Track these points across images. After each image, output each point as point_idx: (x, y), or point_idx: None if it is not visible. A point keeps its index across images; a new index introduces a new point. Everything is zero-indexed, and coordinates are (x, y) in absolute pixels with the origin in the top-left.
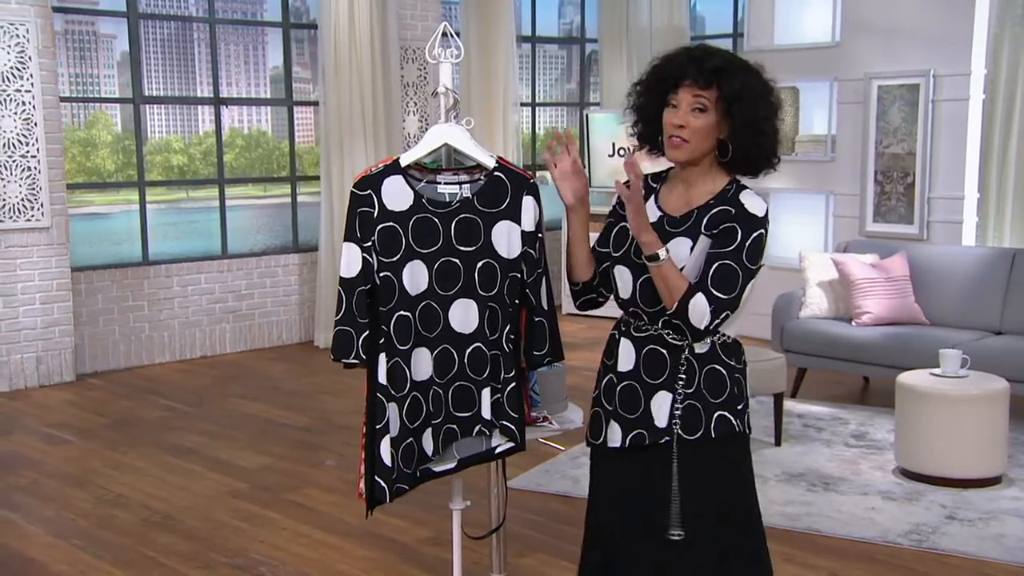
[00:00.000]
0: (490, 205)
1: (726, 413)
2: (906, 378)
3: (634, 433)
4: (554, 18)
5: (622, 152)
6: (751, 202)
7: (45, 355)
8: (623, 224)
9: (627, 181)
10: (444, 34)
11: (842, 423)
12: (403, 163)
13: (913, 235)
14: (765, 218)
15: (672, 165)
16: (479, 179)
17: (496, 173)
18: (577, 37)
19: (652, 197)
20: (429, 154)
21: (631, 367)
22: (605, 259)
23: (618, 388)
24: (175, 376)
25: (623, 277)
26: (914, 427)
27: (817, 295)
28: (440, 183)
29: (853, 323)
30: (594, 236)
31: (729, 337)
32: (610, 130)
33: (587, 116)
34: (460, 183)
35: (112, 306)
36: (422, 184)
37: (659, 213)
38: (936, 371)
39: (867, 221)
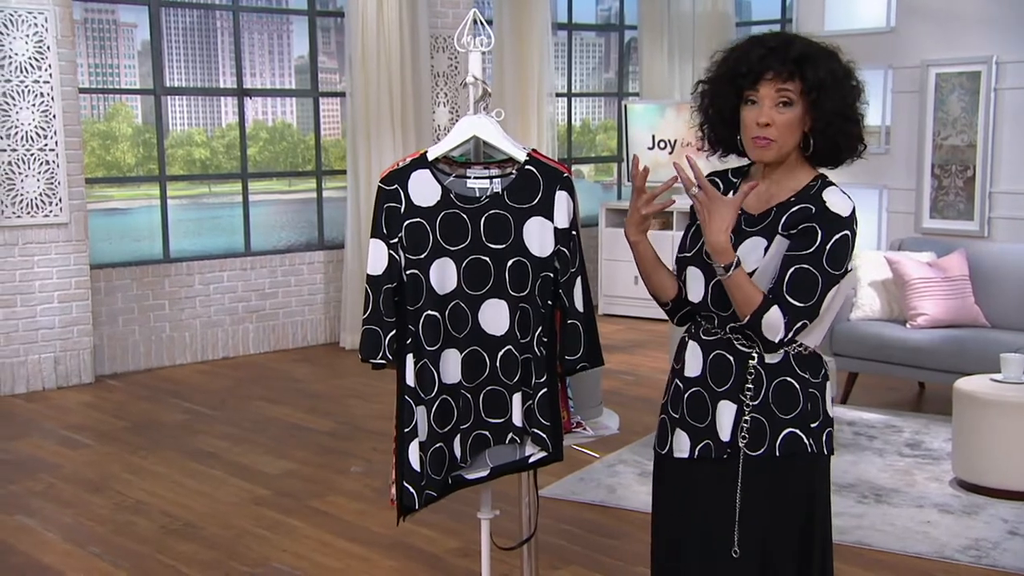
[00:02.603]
0: (521, 201)
1: (796, 431)
2: (964, 384)
3: (702, 444)
4: (591, 4)
5: (662, 144)
6: (834, 200)
7: (63, 355)
8: (699, 223)
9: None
10: (474, 21)
11: (896, 431)
12: (431, 157)
13: (973, 232)
14: (851, 218)
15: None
16: (510, 173)
17: (528, 167)
18: (616, 24)
19: (731, 194)
20: (458, 147)
21: (698, 373)
22: (683, 263)
23: (685, 395)
24: (196, 378)
25: (695, 278)
26: (973, 436)
27: (869, 295)
28: (470, 178)
29: (908, 325)
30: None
31: (806, 348)
32: (650, 121)
33: (626, 107)
34: (490, 178)
35: (132, 305)
36: (451, 179)
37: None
38: (997, 376)
39: (923, 217)
